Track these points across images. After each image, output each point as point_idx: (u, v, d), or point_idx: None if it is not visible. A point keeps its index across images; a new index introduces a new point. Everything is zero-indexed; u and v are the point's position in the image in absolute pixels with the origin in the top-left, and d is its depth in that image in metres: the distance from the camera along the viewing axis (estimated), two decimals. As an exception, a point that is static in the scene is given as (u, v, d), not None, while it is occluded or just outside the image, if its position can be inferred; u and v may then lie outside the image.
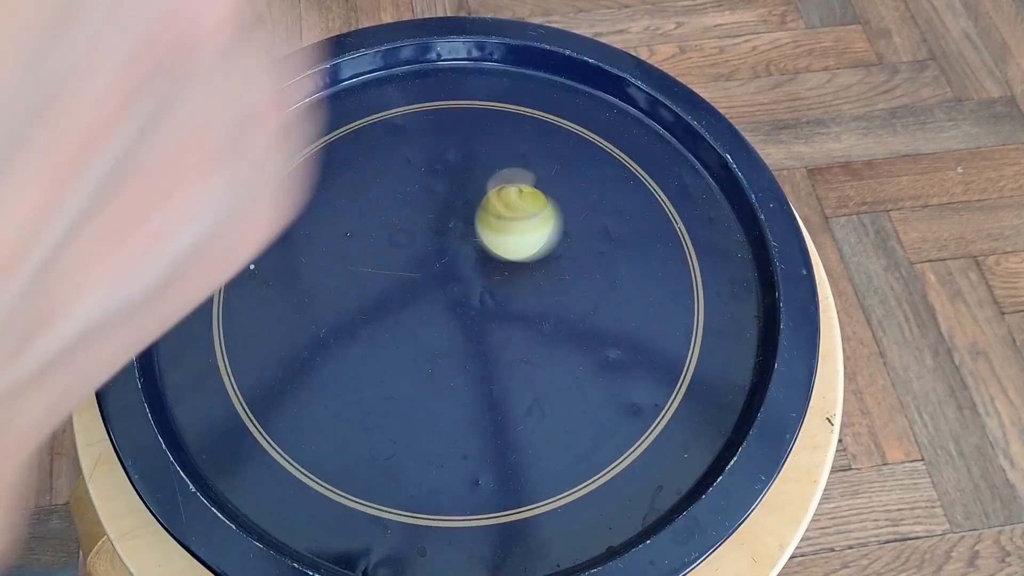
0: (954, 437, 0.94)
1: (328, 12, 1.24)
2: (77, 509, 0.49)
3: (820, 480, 0.37)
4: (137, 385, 0.36)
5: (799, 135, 1.13)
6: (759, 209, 0.42)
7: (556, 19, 1.23)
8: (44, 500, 0.87)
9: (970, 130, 1.15)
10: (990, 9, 1.26)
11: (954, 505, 0.90)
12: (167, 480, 0.34)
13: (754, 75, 1.19)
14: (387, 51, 0.47)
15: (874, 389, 0.96)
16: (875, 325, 1.00)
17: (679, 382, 0.38)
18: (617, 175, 0.44)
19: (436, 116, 0.46)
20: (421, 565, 0.33)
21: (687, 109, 0.45)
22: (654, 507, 0.35)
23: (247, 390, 0.37)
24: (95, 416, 0.36)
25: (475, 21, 0.49)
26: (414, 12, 1.23)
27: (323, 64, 0.46)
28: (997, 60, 1.21)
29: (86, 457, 0.37)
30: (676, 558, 0.32)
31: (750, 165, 0.43)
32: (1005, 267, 1.04)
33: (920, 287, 1.03)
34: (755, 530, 0.35)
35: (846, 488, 0.91)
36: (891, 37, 1.23)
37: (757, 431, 0.35)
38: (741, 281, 0.41)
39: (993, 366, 0.98)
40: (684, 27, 1.23)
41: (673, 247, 0.42)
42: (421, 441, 0.36)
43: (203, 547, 0.32)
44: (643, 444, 0.36)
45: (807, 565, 0.87)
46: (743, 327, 0.40)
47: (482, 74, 0.48)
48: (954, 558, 0.87)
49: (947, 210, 1.08)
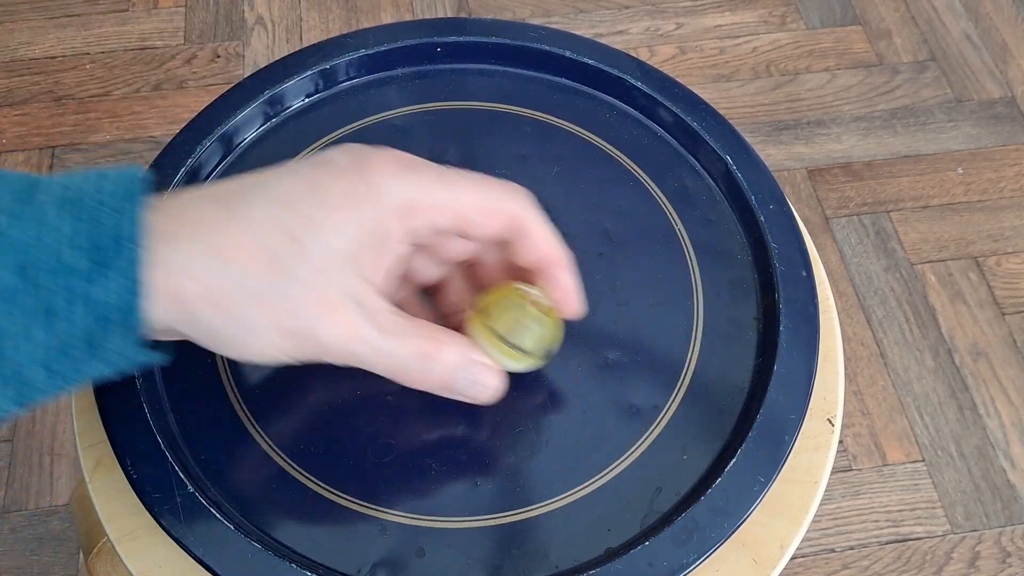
0: (955, 438, 0.94)
1: (328, 12, 1.24)
2: (77, 510, 0.49)
3: (821, 481, 0.37)
4: (137, 387, 0.36)
5: (799, 136, 1.14)
6: (759, 210, 0.42)
7: (556, 20, 1.23)
8: (44, 501, 0.88)
9: (971, 131, 1.15)
10: (990, 10, 1.26)
11: (955, 506, 0.90)
12: (167, 481, 0.34)
13: (754, 76, 1.19)
14: (387, 52, 0.47)
15: (875, 390, 0.96)
16: (875, 326, 1.00)
17: (678, 383, 0.38)
18: (617, 176, 0.44)
19: (436, 117, 0.46)
20: (419, 566, 0.33)
21: (687, 110, 0.45)
22: (653, 508, 0.35)
23: (246, 391, 0.37)
24: (95, 418, 0.36)
25: (475, 22, 0.49)
26: (414, 13, 1.23)
27: (323, 64, 0.46)
28: (997, 61, 1.21)
29: (86, 458, 0.37)
30: (675, 559, 0.32)
31: (750, 166, 0.43)
32: (1006, 268, 1.04)
33: (921, 288, 1.03)
34: (756, 531, 0.35)
35: (847, 489, 0.91)
36: (891, 38, 1.23)
37: (756, 433, 0.35)
38: (741, 282, 0.41)
39: (994, 367, 0.98)
40: (684, 28, 1.23)
41: (673, 248, 0.42)
42: (420, 442, 0.36)
43: (202, 548, 0.32)
44: (642, 445, 0.36)
45: (808, 566, 0.87)
46: (743, 328, 0.40)
47: (482, 75, 0.48)
48: (955, 559, 0.87)
49: (948, 211, 1.08)
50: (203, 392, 0.37)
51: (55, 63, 1.17)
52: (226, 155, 0.45)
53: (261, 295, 0.29)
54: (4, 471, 0.88)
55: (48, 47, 1.19)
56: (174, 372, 0.38)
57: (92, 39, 1.20)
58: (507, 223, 0.32)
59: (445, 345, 0.31)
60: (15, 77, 1.16)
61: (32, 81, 1.16)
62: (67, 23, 1.21)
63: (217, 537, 0.33)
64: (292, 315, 0.29)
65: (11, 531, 0.86)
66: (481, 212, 0.32)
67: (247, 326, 0.29)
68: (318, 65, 0.46)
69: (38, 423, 0.91)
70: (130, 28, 1.21)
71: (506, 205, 0.32)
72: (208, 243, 0.28)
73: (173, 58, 1.18)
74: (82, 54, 1.18)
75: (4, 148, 1.10)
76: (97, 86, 1.15)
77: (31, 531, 0.86)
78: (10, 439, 0.90)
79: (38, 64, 1.17)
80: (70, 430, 0.91)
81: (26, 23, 1.21)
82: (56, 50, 1.19)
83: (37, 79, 1.16)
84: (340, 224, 0.29)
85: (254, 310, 0.29)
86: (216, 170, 0.44)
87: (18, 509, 0.87)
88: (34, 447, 0.90)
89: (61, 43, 1.19)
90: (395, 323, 0.31)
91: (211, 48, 1.20)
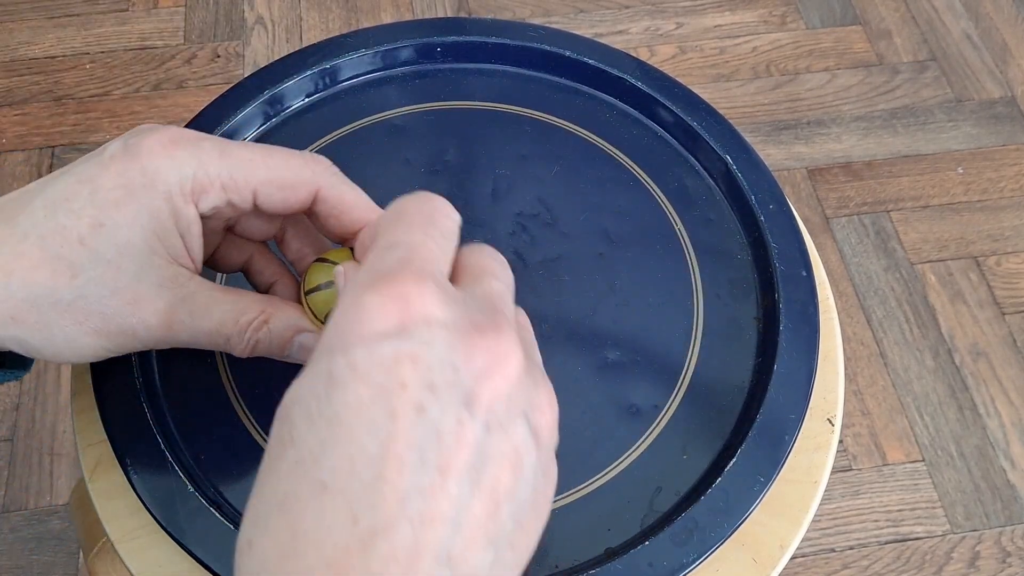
0: (955, 438, 0.93)
1: (328, 12, 1.24)
2: (77, 510, 0.49)
3: (821, 481, 0.37)
4: (136, 387, 0.36)
5: (799, 136, 1.13)
6: (759, 210, 0.42)
7: (556, 20, 1.23)
8: (44, 500, 0.88)
9: (971, 131, 1.15)
10: (991, 10, 1.26)
11: (955, 506, 0.90)
12: (167, 482, 0.34)
13: (754, 76, 1.19)
14: (387, 52, 0.47)
15: (875, 390, 0.96)
16: (875, 326, 1.00)
17: (678, 383, 0.38)
18: (617, 176, 0.44)
19: (436, 117, 0.46)
20: (420, 566, 0.33)
21: (687, 110, 0.45)
22: (653, 508, 0.35)
23: (246, 391, 0.37)
24: (95, 417, 0.36)
25: (475, 22, 0.49)
26: (414, 12, 1.23)
27: (323, 65, 0.46)
28: (998, 61, 1.21)
29: (86, 458, 0.37)
30: (675, 559, 0.32)
31: (750, 166, 0.43)
32: (1006, 268, 1.04)
33: (920, 288, 1.03)
34: (756, 531, 0.35)
35: (847, 489, 0.91)
36: (891, 38, 1.23)
37: (756, 432, 0.35)
38: (741, 282, 0.41)
39: (994, 367, 0.98)
40: (684, 28, 1.23)
41: (673, 248, 0.42)
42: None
43: (202, 548, 0.32)
44: (642, 445, 0.36)
45: (808, 566, 0.87)
46: (743, 328, 0.40)
47: (482, 75, 0.48)
48: (955, 559, 0.87)
49: (948, 211, 1.08)
50: (203, 392, 0.37)
51: (55, 63, 1.17)
52: (226, 155, 0.45)
53: (62, 303, 0.29)
54: (4, 471, 0.88)
55: (48, 47, 1.19)
56: (174, 372, 0.38)
57: (92, 39, 1.20)
58: (307, 197, 0.32)
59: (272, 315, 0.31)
60: (15, 77, 1.16)
61: (32, 81, 1.16)
62: (67, 23, 1.21)
63: (217, 537, 0.33)
64: (100, 317, 0.29)
65: (11, 531, 0.86)
66: (276, 186, 0.31)
67: (59, 334, 0.29)
68: (318, 65, 0.46)
69: (38, 423, 0.91)
70: (130, 28, 1.21)
71: (303, 178, 0.31)
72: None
73: (173, 58, 1.18)
74: (82, 54, 1.18)
75: (4, 148, 1.10)
76: (97, 86, 1.15)
77: (31, 531, 0.86)
78: (10, 439, 0.90)
79: (38, 64, 1.17)
80: (70, 430, 0.91)
81: (26, 23, 1.21)
82: (56, 50, 1.19)
83: (37, 79, 1.16)
84: (125, 220, 0.29)
85: (59, 319, 0.29)
86: (216, 170, 0.44)
87: (18, 509, 0.87)
88: (34, 447, 0.90)
89: (61, 43, 1.19)
90: (210, 301, 0.31)
91: (211, 48, 1.20)
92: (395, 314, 0.23)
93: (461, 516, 0.22)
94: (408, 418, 0.22)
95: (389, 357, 0.22)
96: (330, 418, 0.22)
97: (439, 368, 0.22)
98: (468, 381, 0.23)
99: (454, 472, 0.22)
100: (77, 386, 0.39)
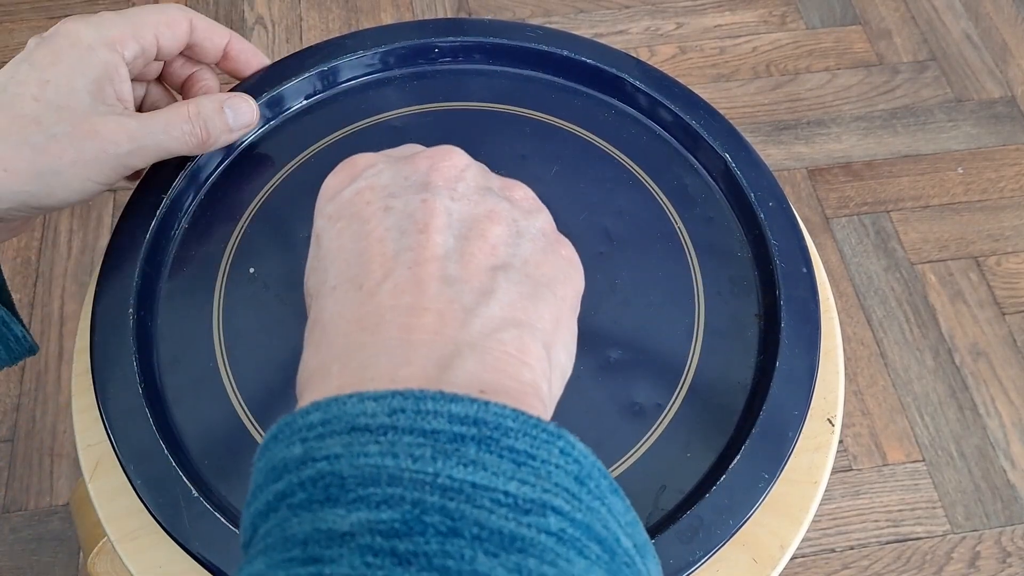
0: (955, 438, 0.93)
1: (328, 13, 1.24)
2: (77, 510, 0.49)
3: (821, 481, 0.37)
4: (138, 388, 0.36)
5: (799, 136, 1.13)
6: (758, 208, 0.42)
7: (556, 20, 1.23)
8: (44, 501, 0.87)
9: (970, 130, 1.15)
10: (990, 10, 1.26)
11: (955, 506, 0.90)
12: (168, 483, 0.34)
13: (754, 76, 1.19)
14: (387, 52, 0.47)
15: (875, 390, 0.96)
16: (876, 326, 1.00)
17: (681, 382, 0.38)
18: (617, 175, 0.44)
19: (436, 117, 0.46)
20: (422, 566, 0.33)
21: (687, 110, 0.45)
22: (658, 506, 0.35)
23: (248, 392, 0.37)
24: (96, 418, 0.36)
25: (475, 22, 0.49)
26: (414, 13, 1.23)
27: (322, 66, 0.46)
28: (997, 61, 1.21)
29: (86, 458, 0.37)
30: (681, 557, 0.32)
31: (749, 164, 0.43)
32: (1006, 267, 1.04)
33: (921, 288, 1.03)
34: (756, 531, 0.35)
35: (847, 489, 0.91)
36: (891, 38, 1.23)
37: (759, 429, 0.35)
38: (741, 280, 0.41)
39: (994, 367, 0.98)
40: (684, 28, 1.23)
41: (673, 247, 0.42)
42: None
43: (202, 548, 0.32)
44: (646, 444, 0.36)
45: (808, 566, 0.87)
46: (744, 326, 0.40)
47: (481, 75, 0.48)
48: (955, 559, 0.87)
49: (947, 211, 1.08)
50: (203, 392, 0.37)
51: (54, 64, 1.17)
52: (226, 157, 0.45)
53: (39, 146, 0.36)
54: (4, 471, 0.88)
55: (47, 48, 1.19)
56: (174, 372, 0.38)
57: (91, 40, 1.20)
58: (187, 28, 0.41)
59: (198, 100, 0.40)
60: (14, 78, 1.16)
61: (31, 82, 1.15)
62: (66, 24, 1.21)
63: (217, 537, 0.33)
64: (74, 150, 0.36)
65: (11, 531, 0.85)
66: (166, 24, 0.40)
67: (48, 173, 0.36)
68: (317, 66, 0.46)
69: (38, 423, 0.91)
70: (129, 29, 1.21)
71: (183, 15, 0.41)
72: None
73: (172, 59, 1.18)
74: (81, 55, 1.18)
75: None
76: (96, 87, 1.15)
77: (31, 531, 0.86)
78: (10, 439, 0.90)
79: (37, 65, 1.17)
80: (70, 430, 0.90)
81: (26, 23, 1.21)
82: (55, 51, 1.19)
83: (36, 80, 1.16)
84: (64, 72, 0.37)
85: (41, 158, 0.36)
86: (216, 171, 0.44)
87: (18, 509, 0.87)
88: (34, 447, 0.90)
89: (60, 44, 1.19)
90: (152, 112, 0.39)
91: (210, 49, 1.19)
92: (346, 173, 0.29)
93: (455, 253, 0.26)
94: (377, 217, 0.27)
95: (349, 196, 0.28)
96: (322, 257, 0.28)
97: (392, 182, 0.28)
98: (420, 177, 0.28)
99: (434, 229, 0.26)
100: (77, 387, 0.39)
